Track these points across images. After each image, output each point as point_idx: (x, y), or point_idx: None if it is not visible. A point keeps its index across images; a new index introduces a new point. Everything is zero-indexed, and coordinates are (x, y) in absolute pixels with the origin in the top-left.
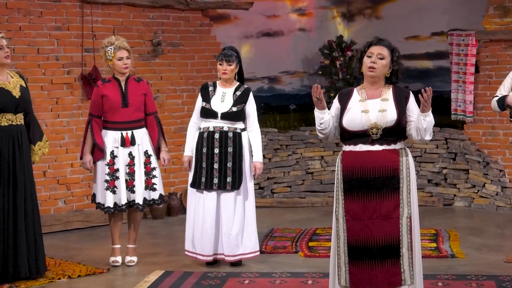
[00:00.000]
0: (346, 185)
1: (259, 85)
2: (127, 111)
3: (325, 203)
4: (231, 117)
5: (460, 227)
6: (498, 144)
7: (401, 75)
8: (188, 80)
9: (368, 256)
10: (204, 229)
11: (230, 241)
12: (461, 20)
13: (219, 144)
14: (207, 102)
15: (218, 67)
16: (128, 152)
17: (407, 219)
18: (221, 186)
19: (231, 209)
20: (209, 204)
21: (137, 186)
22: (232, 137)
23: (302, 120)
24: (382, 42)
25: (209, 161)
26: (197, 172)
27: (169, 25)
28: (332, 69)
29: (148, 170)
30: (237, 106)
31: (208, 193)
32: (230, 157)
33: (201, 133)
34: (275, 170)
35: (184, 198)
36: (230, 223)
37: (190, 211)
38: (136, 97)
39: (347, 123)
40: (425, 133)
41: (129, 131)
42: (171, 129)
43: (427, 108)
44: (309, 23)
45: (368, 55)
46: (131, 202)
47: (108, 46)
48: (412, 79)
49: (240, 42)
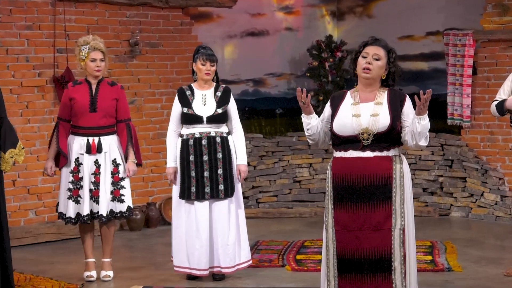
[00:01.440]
0: (335, 194)
1: (244, 88)
2: (94, 116)
3: (314, 214)
4: (217, 120)
5: (457, 238)
6: (497, 150)
7: (398, 77)
8: (168, 83)
9: (357, 270)
10: (200, 242)
11: (227, 252)
12: (458, 19)
13: (208, 150)
14: (188, 107)
15: (200, 67)
16: (94, 159)
17: (400, 231)
18: (213, 194)
19: (226, 218)
20: (203, 215)
21: (102, 197)
22: (220, 142)
23: (289, 125)
24: (378, 42)
25: (199, 169)
26: (185, 182)
27: (147, 24)
28: (321, 71)
29: (116, 180)
30: (222, 108)
31: (199, 204)
32: (220, 164)
33: (185, 141)
34: (260, 178)
35: (163, 208)
36: (226, 233)
37: (179, 224)
38: (106, 102)
39: (337, 128)
40: (420, 137)
41: (96, 137)
42: (149, 135)
43: (423, 111)
44: (296, 22)
45: (363, 55)
46: (95, 214)
47: (83, 45)
48: (406, 82)
49: (223, 42)
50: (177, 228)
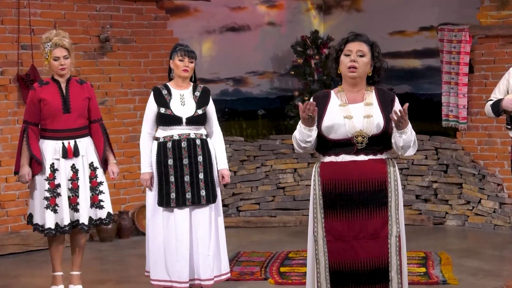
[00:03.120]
0: (326, 201)
1: (223, 87)
2: (69, 118)
3: (299, 223)
4: (197, 122)
5: (452, 249)
6: (495, 154)
7: (384, 72)
8: (141, 82)
9: (354, 282)
10: (180, 252)
11: (208, 263)
12: (453, 13)
13: (188, 153)
14: (166, 107)
15: (177, 63)
16: (70, 164)
17: (396, 239)
18: (195, 201)
19: (207, 226)
20: (183, 223)
21: (82, 204)
22: (200, 144)
23: (272, 128)
24: (360, 37)
25: (178, 174)
26: (163, 188)
27: (119, 18)
28: (306, 69)
29: (94, 185)
30: (202, 109)
31: (179, 211)
32: (201, 168)
33: (163, 144)
34: (241, 184)
35: (137, 217)
36: (206, 243)
37: (156, 233)
38: (79, 102)
39: (327, 131)
40: (404, 150)
41: (71, 140)
42: (121, 138)
43: (403, 126)
44: (279, 16)
45: (346, 53)
46: (75, 223)
47: (46, 43)
48: (397, 80)
49: (200, 38)
50: (154, 238)
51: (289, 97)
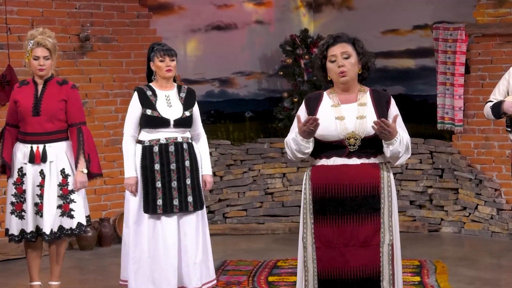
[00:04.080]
0: (316, 206)
1: (209, 88)
2: (38, 121)
3: (288, 230)
4: (184, 124)
5: (448, 257)
6: (492, 158)
7: (373, 64)
8: (123, 83)
9: None
10: (169, 261)
11: (195, 272)
12: (449, 11)
13: (176, 158)
14: (153, 108)
15: (159, 64)
16: (39, 170)
17: (388, 247)
18: (182, 207)
19: (194, 234)
20: (171, 231)
21: (45, 212)
22: (187, 148)
23: (260, 131)
24: (340, 39)
25: (166, 179)
26: (149, 194)
27: (100, 16)
28: (295, 69)
29: (64, 193)
30: (189, 110)
31: (167, 218)
32: (188, 173)
33: (148, 147)
34: (228, 190)
35: (118, 224)
36: (194, 250)
37: (138, 242)
38: (52, 104)
39: (318, 133)
40: (393, 160)
41: (40, 144)
42: (102, 141)
43: (389, 138)
44: (267, 14)
45: (331, 59)
46: (41, 231)
47: (30, 40)
48: (390, 81)
49: (185, 37)
50: (135, 246)
51: (278, 99)
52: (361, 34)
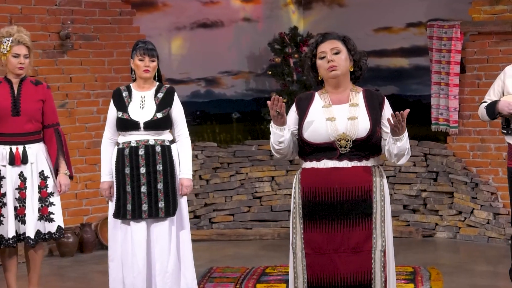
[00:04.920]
0: (306, 211)
1: (194, 88)
2: (18, 121)
3: (277, 235)
4: (156, 126)
5: (443, 263)
6: (489, 161)
7: (365, 63)
8: (105, 82)
9: None
10: (136, 268)
11: (165, 281)
12: (443, 8)
13: (146, 161)
14: (124, 111)
15: (137, 63)
16: (18, 172)
17: (380, 253)
18: (152, 213)
19: (166, 241)
20: (139, 237)
21: (29, 216)
22: (160, 151)
23: (248, 132)
24: (329, 35)
25: (135, 183)
26: (120, 199)
27: (81, 13)
28: (284, 69)
29: (43, 196)
30: (162, 112)
31: (136, 224)
32: (160, 177)
33: (121, 150)
34: (214, 194)
35: (100, 230)
36: (165, 259)
37: (115, 248)
38: (31, 104)
39: (308, 134)
40: (397, 158)
41: (20, 145)
42: (83, 143)
43: (400, 132)
44: (255, 11)
45: (321, 56)
46: (21, 236)
47: (5, 37)
48: (383, 81)
49: (170, 35)
50: (114, 253)
51: (266, 99)
52: (352, 32)
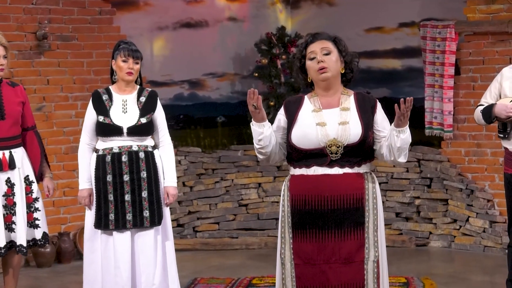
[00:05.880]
0: (295, 219)
1: (177, 91)
2: (3, 125)
3: (264, 245)
4: (140, 132)
5: (437, 274)
6: (485, 166)
7: (357, 65)
8: (84, 85)
9: None
10: (120, 281)
11: None
12: (437, 8)
13: (129, 169)
14: (105, 115)
15: (120, 64)
16: (5, 178)
17: (373, 264)
18: (136, 223)
19: (151, 252)
20: (123, 249)
21: (19, 223)
22: (144, 158)
23: (234, 137)
24: (319, 36)
25: (118, 192)
26: (101, 208)
27: (59, 12)
28: (271, 70)
29: (29, 202)
30: (146, 116)
31: (119, 234)
32: (145, 185)
33: (101, 157)
34: (198, 201)
35: (79, 239)
36: (151, 271)
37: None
38: (13, 107)
39: (297, 140)
40: (399, 153)
41: (6, 150)
42: (61, 149)
43: (404, 123)
44: (241, 10)
45: (310, 56)
46: (10, 244)
47: None
48: (374, 83)
49: (151, 35)
50: (90, 264)
51: None
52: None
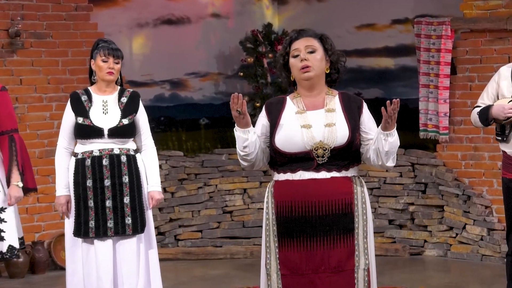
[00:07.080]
0: (281, 227)
1: (158, 91)
2: None
3: (249, 254)
4: (122, 134)
5: (432, 284)
6: (482, 171)
7: (343, 65)
8: (59, 85)
9: None
10: None
11: None
12: (432, 3)
13: (110, 173)
14: (85, 116)
15: (100, 64)
16: None
17: (364, 272)
18: (118, 230)
19: (134, 260)
20: (105, 257)
21: None
22: (126, 162)
23: (217, 140)
24: (305, 32)
25: (99, 197)
26: (81, 215)
27: (32, 8)
28: (257, 70)
29: None
30: (128, 118)
31: (100, 243)
32: (127, 190)
33: (81, 160)
34: (180, 208)
35: (54, 248)
36: (134, 281)
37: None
38: None
39: (281, 143)
40: (387, 157)
41: None
42: (35, 152)
43: (391, 126)
44: (225, 6)
45: (294, 54)
46: None
47: None
48: (366, 83)
49: (131, 32)
50: (73, 275)
51: None
52: (333, 29)
